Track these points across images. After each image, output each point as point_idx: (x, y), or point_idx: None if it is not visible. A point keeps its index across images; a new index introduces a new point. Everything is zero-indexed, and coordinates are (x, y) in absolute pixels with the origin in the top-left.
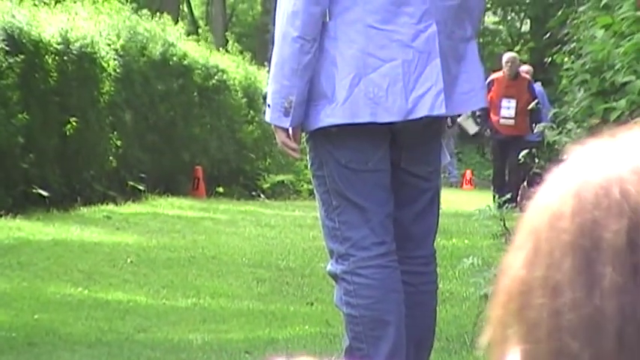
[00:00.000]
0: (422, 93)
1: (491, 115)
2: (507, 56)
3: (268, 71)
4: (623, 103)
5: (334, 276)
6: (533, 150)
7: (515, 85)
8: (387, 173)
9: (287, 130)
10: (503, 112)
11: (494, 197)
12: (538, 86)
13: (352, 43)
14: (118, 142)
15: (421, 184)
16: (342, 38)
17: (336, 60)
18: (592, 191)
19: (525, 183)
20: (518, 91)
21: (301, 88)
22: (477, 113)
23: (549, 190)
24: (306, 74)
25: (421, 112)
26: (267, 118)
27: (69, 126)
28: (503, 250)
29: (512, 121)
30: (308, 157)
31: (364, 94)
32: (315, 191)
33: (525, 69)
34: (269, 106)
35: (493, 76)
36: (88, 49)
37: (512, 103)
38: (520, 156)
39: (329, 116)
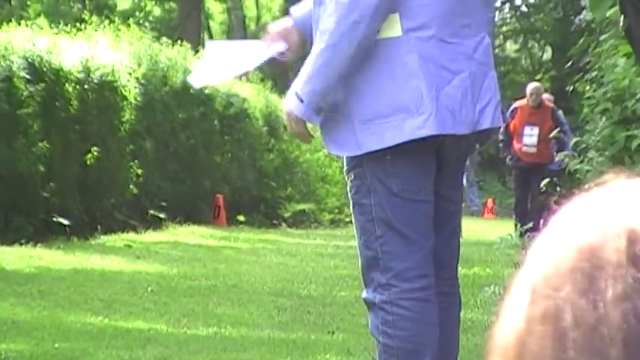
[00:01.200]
0: (485, 104)
1: (514, 143)
2: (532, 87)
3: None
4: None
5: (371, 304)
6: (555, 179)
7: (538, 112)
8: (432, 206)
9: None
10: (526, 140)
11: (515, 226)
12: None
13: (429, 57)
14: (139, 171)
15: (451, 208)
16: (421, 53)
17: (420, 73)
18: (589, 227)
19: (547, 211)
20: (540, 119)
21: (338, 92)
22: (500, 138)
23: (543, 241)
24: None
25: (485, 123)
26: (298, 112)
27: (89, 154)
28: None
29: (534, 149)
30: (350, 185)
31: (445, 107)
32: (354, 219)
33: (546, 97)
34: (302, 101)
35: (516, 104)
36: (109, 78)
37: (535, 130)
38: (542, 185)
39: (419, 129)
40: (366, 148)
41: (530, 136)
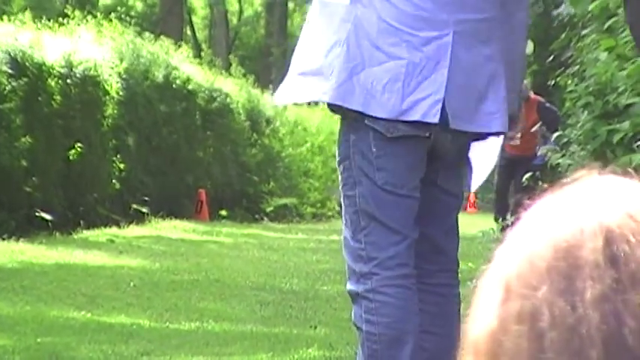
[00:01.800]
0: (420, 98)
1: None
2: None
3: (272, 94)
4: (626, 125)
5: (354, 295)
6: (537, 173)
7: (524, 106)
8: (416, 202)
9: None
10: (510, 133)
11: (496, 220)
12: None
13: (365, 33)
14: (122, 166)
15: (452, 202)
16: (357, 26)
17: (345, 43)
18: (564, 225)
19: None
20: (526, 113)
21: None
22: None
23: (516, 238)
24: None
25: (414, 116)
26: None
27: (72, 149)
28: None
29: (517, 141)
30: (340, 178)
31: (362, 83)
32: (343, 212)
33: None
34: None
35: None
36: (91, 73)
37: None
38: (524, 179)
39: (323, 93)
40: (286, 100)
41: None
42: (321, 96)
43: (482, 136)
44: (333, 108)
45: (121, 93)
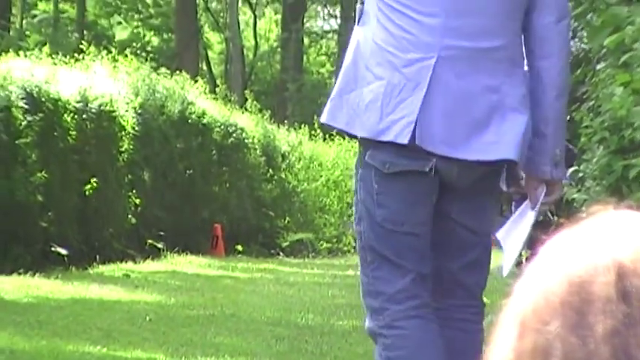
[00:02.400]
0: (396, 119)
1: None
2: None
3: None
4: None
5: (374, 334)
6: (552, 207)
7: None
8: (420, 238)
9: None
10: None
11: None
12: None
13: (361, 54)
14: (137, 201)
15: (470, 237)
16: (358, 47)
17: (350, 65)
18: (578, 261)
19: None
20: None
21: None
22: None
23: (531, 274)
24: None
25: (388, 136)
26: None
27: (88, 184)
28: None
29: None
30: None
31: (350, 103)
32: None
33: None
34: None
35: None
36: (107, 108)
37: None
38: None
39: (324, 113)
40: (323, 119)
41: None
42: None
43: (496, 170)
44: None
45: (136, 128)
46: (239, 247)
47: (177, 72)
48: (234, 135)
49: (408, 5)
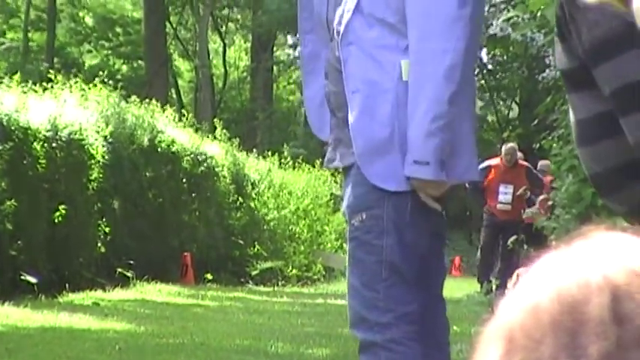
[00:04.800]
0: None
1: (489, 201)
2: (507, 147)
3: (257, 157)
4: None
5: (369, 344)
6: (523, 236)
7: (513, 171)
8: (430, 263)
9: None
10: (501, 198)
11: (479, 281)
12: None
13: None
14: (107, 229)
15: None
16: None
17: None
18: (571, 279)
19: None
20: (515, 178)
21: (452, 140)
22: (467, 186)
23: (520, 290)
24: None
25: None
26: (427, 175)
27: (57, 213)
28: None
29: (509, 207)
30: (358, 224)
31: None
32: (354, 258)
33: (519, 155)
34: (428, 163)
35: (489, 162)
36: (77, 136)
37: (510, 188)
38: (509, 242)
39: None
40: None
41: (505, 194)
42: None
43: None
44: None
45: (106, 156)
46: (209, 276)
47: (147, 100)
48: (204, 163)
49: None
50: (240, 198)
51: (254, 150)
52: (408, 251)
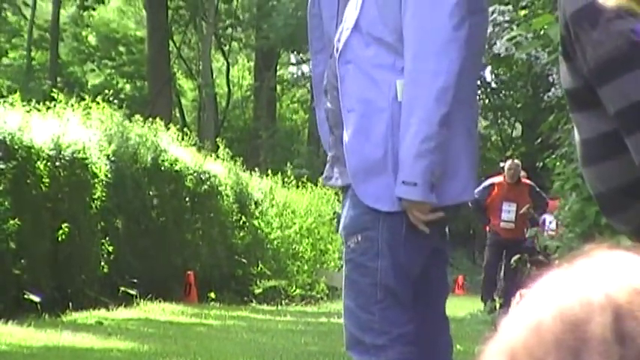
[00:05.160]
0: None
1: (492, 219)
2: (509, 163)
3: (260, 176)
4: None
5: None
6: (526, 255)
7: (516, 189)
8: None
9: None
10: (504, 216)
11: (483, 300)
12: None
13: None
14: (110, 248)
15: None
16: None
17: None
18: (573, 297)
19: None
20: (518, 196)
21: (443, 162)
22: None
23: (523, 308)
24: (445, 149)
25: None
26: (415, 196)
27: (61, 232)
28: None
29: (512, 225)
30: (354, 246)
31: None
32: (349, 280)
33: (522, 174)
34: (415, 184)
35: (492, 180)
36: (80, 155)
37: (513, 207)
38: (512, 261)
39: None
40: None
41: (508, 212)
42: (464, 197)
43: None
44: None
45: (109, 175)
46: (212, 295)
47: (150, 119)
48: (207, 182)
49: None
50: (243, 217)
51: (257, 169)
52: (403, 273)
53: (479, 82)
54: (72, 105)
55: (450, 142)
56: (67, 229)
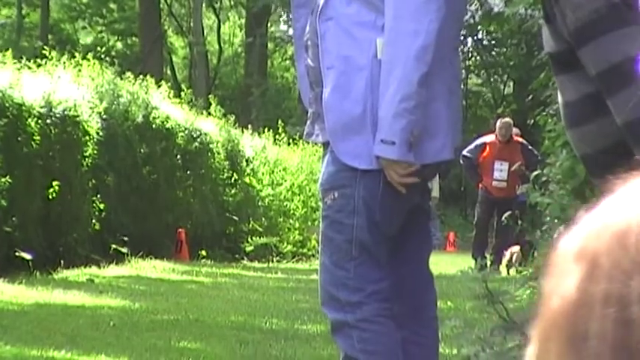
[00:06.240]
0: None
1: (484, 177)
2: (502, 121)
3: (252, 133)
4: None
5: (341, 324)
6: (517, 212)
7: (507, 148)
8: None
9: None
10: (496, 175)
11: (474, 257)
12: None
13: None
14: (101, 206)
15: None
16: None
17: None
18: None
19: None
20: (510, 154)
21: (422, 122)
22: (461, 162)
23: (604, 213)
24: (425, 108)
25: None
26: (392, 155)
27: (52, 189)
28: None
29: (504, 184)
30: (330, 203)
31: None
32: (325, 237)
33: (515, 132)
34: (393, 143)
35: (484, 139)
36: (71, 113)
37: (505, 165)
38: (503, 218)
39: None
40: (419, 159)
41: (501, 170)
42: (442, 155)
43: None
44: None
45: (100, 133)
46: (203, 252)
47: (142, 77)
48: (198, 140)
49: None
50: (234, 174)
51: (249, 126)
52: (379, 230)
53: (471, 40)
54: (63, 63)
55: (430, 101)
56: (58, 187)
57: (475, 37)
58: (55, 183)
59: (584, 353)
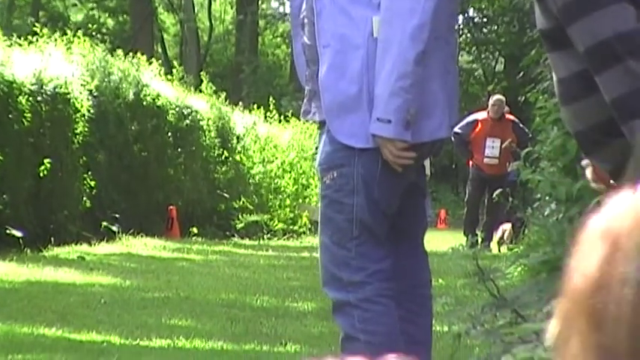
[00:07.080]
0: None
1: (475, 155)
2: (494, 98)
3: (242, 111)
4: None
5: (343, 304)
6: (508, 189)
7: (499, 125)
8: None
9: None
10: (488, 152)
11: (465, 234)
12: None
13: None
14: (92, 183)
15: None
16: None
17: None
18: None
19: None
20: (502, 132)
21: (419, 100)
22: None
23: (634, 196)
24: (421, 86)
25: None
26: (388, 133)
27: (43, 167)
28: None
29: (496, 160)
30: (329, 182)
31: None
32: (325, 217)
33: (506, 109)
34: (389, 121)
35: (476, 115)
36: (62, 90)
37: (497, 142)
38: (494, 195)
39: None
40: (416, 139)
41: (492, 148)
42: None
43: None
44: None
45: (91, 110)
46: (194, 229)
47: (133, 54)
48: (189, 117)
49: None
50: (225, 152)
51: (239, 104)
52: (379, 209)
53: (462, 18)
54: (54, 40)
55: (426, 79)
56: (49, 165)
57: (466, 15)
58: (45, 160)
59: (603, 332)
